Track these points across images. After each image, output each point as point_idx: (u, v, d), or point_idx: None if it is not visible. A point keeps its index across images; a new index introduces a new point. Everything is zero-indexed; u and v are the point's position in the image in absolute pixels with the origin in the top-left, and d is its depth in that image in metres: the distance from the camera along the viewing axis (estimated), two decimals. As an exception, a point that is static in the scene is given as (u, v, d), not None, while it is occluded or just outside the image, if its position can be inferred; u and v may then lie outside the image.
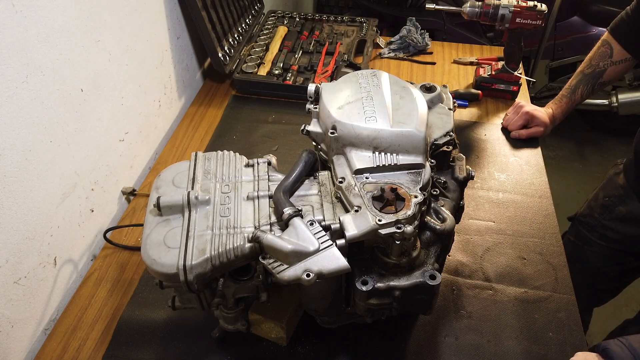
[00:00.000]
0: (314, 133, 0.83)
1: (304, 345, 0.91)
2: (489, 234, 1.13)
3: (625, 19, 1.22)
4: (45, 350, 0.93)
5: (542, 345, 0.92)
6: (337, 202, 0.75)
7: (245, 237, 0.69)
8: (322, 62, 1.60)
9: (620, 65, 1.24)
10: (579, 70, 1.31)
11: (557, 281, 1.03)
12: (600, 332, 1.55)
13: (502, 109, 1.52)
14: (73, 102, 0.99)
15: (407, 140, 0.74)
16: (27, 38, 0.85)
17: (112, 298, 1.01)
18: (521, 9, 1.34)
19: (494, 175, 1.27)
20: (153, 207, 0.75)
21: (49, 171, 0.94)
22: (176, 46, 1.41)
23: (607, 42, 1.25)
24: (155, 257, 0.69)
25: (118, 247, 1.10)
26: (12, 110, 0.83)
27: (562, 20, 2.50)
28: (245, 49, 1.65)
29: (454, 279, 1.03)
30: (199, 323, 0.95)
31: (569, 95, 1.32)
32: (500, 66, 1.52)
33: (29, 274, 0.92)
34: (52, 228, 0.97)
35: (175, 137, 1.40)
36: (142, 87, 1.25)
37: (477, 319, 0.96)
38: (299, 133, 0.83)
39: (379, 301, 0.73)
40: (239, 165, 0.83)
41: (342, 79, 0.85)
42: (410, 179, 0.74)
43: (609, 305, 1.55)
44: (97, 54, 1.05)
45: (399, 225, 0.67)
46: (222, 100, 1.54)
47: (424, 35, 1.76)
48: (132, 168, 1.25)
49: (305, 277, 0.64)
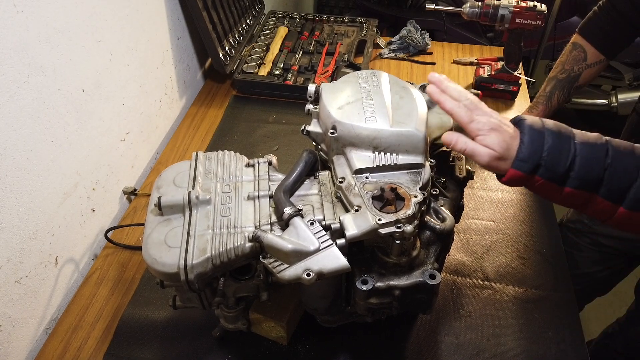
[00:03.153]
0: (314, 133, 0.83)
1: (304, 345, 0.92)
2: (489, 233, 1.13)
3: (594, 18, 1.16)
4: (47, 350, 0.93)
5: (541, 345, 0.92)
6: (337, 202, 0.75)
7: (246, 236, 0.70)
8: (322, 62, 1.60)
9: (595, 68, 1.18)
10: (551, 75, 1.24)
11: (556, 280, 1.03)
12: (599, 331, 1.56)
13: (501, 109, 1.52)
14: (74, 102, 0.99)
15: (407, 140, 0.75)
16: (29, 38, 0.85)
17: (113, 297, 1.01)
18: (521, 9, 1.35)
19: (494, 175, 1.27)
20: (154, 207, 0.75)
21: (50, 171, 0.94)
22: (177, 46, 1.42)
23: (579, 45, 1.18)
24: (156, 257, 0.69)
25: (119, 247, 1.11)
26: (14, 110, 0.83)
27: (562, 21, 2.50)
28: (245, 50, 1.65)
29: (454, 279, 1.04)
30: (199, 322, 0.95)
31: (545, 102, 1.24)
32: (500, 66, 1.52)
33: (30, 273, 0.92)
34: (53, 227, 0.97)
35: (176, 137, 1.41)
36: (143, 87, 1.26)
37: (476, 319, 0.96)
38: (299, 133, 0.84)
39: (379, 300, 0.73)
40: (240, 165, 0.83)
41: (342, 79, 0.85)
42: (410, 179, 0.74)
43: (608, 305, 1.55)
44: (99, 54, 1.06)
45: (399, 224, 0.67)
46: (223, 101, 1.54)
47: (424, 36, 1.76)
48: (133, 168, 1.26)
49: (305, 276, 0.64)
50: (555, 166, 0.67)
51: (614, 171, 0.66)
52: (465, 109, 0.72)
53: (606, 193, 0.67)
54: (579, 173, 0.66)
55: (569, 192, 0.67)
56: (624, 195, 0.66)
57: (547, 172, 0.67)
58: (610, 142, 0.68)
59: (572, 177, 0.67)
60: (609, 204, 0.67)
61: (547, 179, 0.67)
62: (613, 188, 0.66)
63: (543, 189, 0.69)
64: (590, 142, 0.68)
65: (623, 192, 0.66)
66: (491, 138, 0.69)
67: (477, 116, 0.71)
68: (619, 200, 0.67)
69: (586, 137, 0.69)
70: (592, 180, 0.67)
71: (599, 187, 0.67)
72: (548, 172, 0.67)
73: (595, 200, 0.68)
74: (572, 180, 0.67)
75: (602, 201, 0.67)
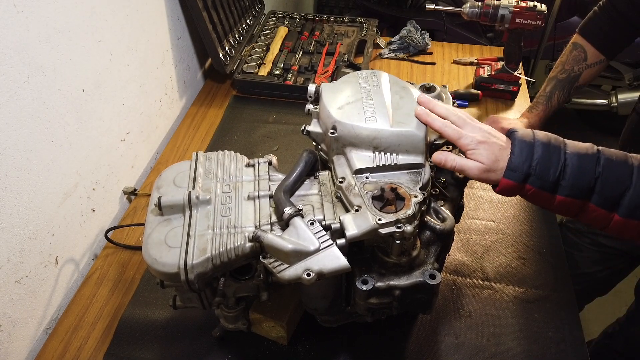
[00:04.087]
0: (314, 133, 0.83)
1: (304, 345, 0.92)
2: (489, 233, 1.13)
3: (594, 18, 1.16)
4: (47, 350, 0.93)
5: (541, 345, 0.92)
6: (337, 202, 0.75)
7: (246, 236, 0.70)
8: (322, 62, 1.60)
9: (595, 68, 1.18)
10: (551, 75, 1.23)
11: (556, 280, 1.03)
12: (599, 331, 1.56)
13: (501, 109, 1.52)
14: (74, 102, 0.99)
15: (407, 140, 0.75)
16: (29, 38, 0.85)
17: (113, 297, 1.01)
18: (521, 9, 1.35)
19: (494, 175, 1.27)
20: (154, 207, 0.75)
21: (50, 171, 0.94)
22: (177, 46, 1.42)
23: (579, 45, 1.18)
24: (157, 257, 0.69)
25: (119, 247, 1.11)
26: (14, 111, 0.83)
27: (562, 21, 2.50)
28: (246, 50, 1.65)
29: (454, 279, 1.04)
30: (199, 322, 0.95)
31: (545, 102, 1.24)
32: (500, 66, 1.52)
33: (31, 273, 0.92)
34: (53, 227, 0.97)
35: (176, 137, 1.41)
36: (143, 87, 1.26)
37: (476, 319, 0.96)
38: (300, 133, 0.84)
39: (379, 300, 0.73)
40: (240, 165, 0.83)
41: (342, 79, 0.85)
42: (410, 179, 0.74)
43: (608, 305, 1.55)
44: (99, 54, 1.06)
45: (399, 224, 0.67)
46: (223, 101, 1.54)
47: (424, 36, 1.76)
48: (133, 168, 1.26)
49: (305, 276, 0.64)
50: (546, 175, 0.68)
51: (606, 180, 0.68)
52: (452, 128, 0.74)
53: (599, 201, 0.68)
54: (569, 181, 0.68)
55: (561, 200, 0.69)
56: (618, 203, 0.68)
57: (537, 180, 0.69)
58: (602, 152, 0.70)
59: (562, 186, 0.69)
60: (603, 212, 0.69)
61: (538, 187, 0.69)
62: (606, 196, 0.68)
63: (536, 198, 0.71)
64: (581, 152, 0.69)
65: (616, 200, 0.68)
66: (479, 152, 0.72)
67: (465, 132, 0.73)
68: (613, 208, 0.68)
69: (577, 147, 0.70)
70: (583, 188, 0.68)
71: (591, 195, 0.69)
72: (539, 180, 0.69)
73: (588, 208, 0.70)
74: (563, 188, 0.69)
75: (596, 209, 0.69)
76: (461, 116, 0.76)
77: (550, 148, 0.69)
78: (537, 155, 0.69)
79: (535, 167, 0.69)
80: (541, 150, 0.69)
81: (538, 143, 0.70)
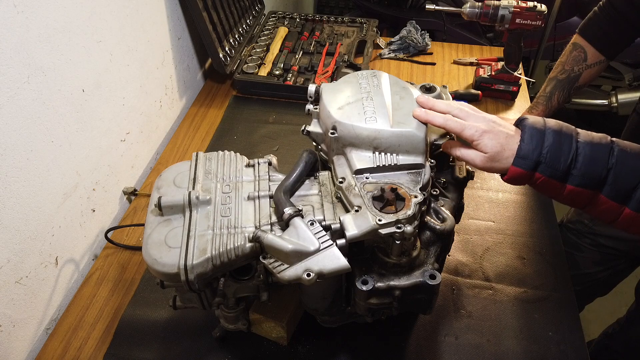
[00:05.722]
0: (314, 133, 0.83)
1: (304, 345, 0.92)
2: (489, 233, 1.13)
3: (594, 18, 1.16)
4: (47, 350, 0.93)
5: (541, 345, 0.92)
6: (337, 202, 0.75)
7: (246, 236, 0.70)
8: (322, 62, 1.60)
9: (595, 68, 1.18)
10: (551, 75, 1.23)
11: (556, 281, 1.03)
12: (599, 332, 1.56)
13: (502, 109, 1.52)
14: (74, 102, 0.99)
15: (407, 140, 0.75)
16: (29, 39, 0.85)
17: (113, 298, 1.01)
18: (521, 9, 1.35)
19: (494, 175, 1.28)
20: (154, 207, 0.75)
21: (50, 171, 0.94)
22: (177, 47, 1.42)
23: (579, 46, 1.18)
24: (157, 257, 0.69)
25: (119, 247, 1.11)
26: (14, 111, 0.83)
27: (562, 21, 2.50)
28: (246, 50, 1.65)
29: (454, 279, 1.04)
30: (199, 322, 0.95)
31: (545, 103, 1.24)
32: (500, 66, 1.52)
33: (31, 273, 0.92)
34: (53, 228, 0.97)
35: (176, 137, 1.41)
36: (144, 88, 1.26)
37: (476, 319, 0.96)
38: (300, 133, 0.84)
39: (379, 301, 0.73)
40: (240, 166, 0.83)
41: (342, 80, 0.85)
42: (410, 179, 0.74)
43: (608, 306, 1.55)
44: (99, 55, 1.06)
45: (399, 225, 0.67)
46: (223, 101, 1.54)
47: (424, 36, 1.76)
48: (133, 168, 1.26)
49: (305, 276, 0.64)
50: (556, 163, 0.67)
51: (619, 171, 0.66)
52: (454, 120, 0.73)
53: (611, 193, 0.67)
54: (580, 170, 0.67)
55: (571, 189, 0.68)
56: (630, 195, 0.67)
57: (547, 169, 0.67)
58: (617, 143, 0.68)
59: (573, 175, 0.67)
60: (614, 205, 0.68)
61: (549, 176, 0.68)
62: (618, 188, 0.67)
63: (545, 187, 0.70)
64: (594, 141, 0.68)
65: (629, 193, 0.66)
66: (484, 142, 0.70)
67: (468, 123, 0.72)
68: (624, 201, 0.67)
69: (590, 136, 0.69)
70: (595, 178, 0.67)
71: (602, 186, 0.67)
72: (549, 169, 0.67)
73: (599, 200, 0.68)
74: (574, 177, 0.67)
75: (607, 201, 0.68)
76: (464, 109, 0.74)
77: (561, 136, 0.68)
78: (548, 143, 0.67)
79: (545, 155, 0.67)
80: (552, 138, 0.68)
81: (549, 131, 0.68)
